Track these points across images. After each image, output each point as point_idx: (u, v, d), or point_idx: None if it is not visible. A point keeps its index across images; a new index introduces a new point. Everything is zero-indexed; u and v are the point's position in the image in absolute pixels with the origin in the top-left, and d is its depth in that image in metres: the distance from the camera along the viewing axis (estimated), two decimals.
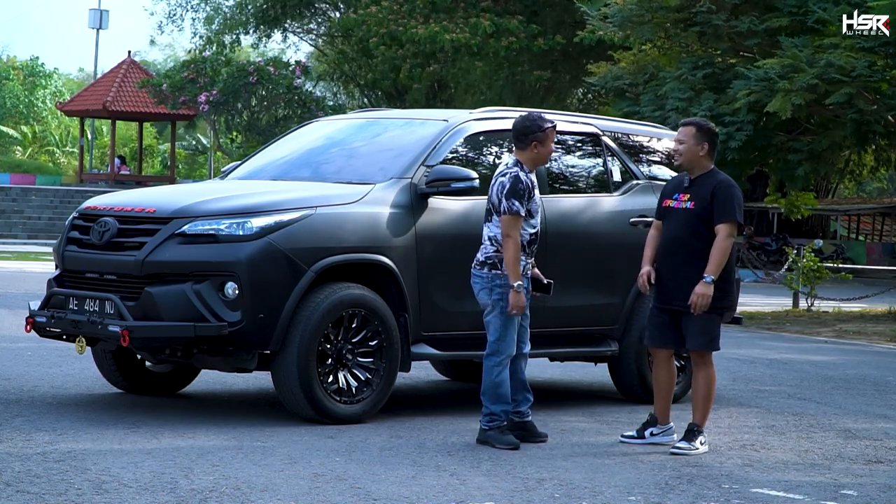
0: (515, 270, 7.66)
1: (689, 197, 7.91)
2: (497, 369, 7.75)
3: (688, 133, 7.93)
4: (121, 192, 9.65)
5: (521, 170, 7.77)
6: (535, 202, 7.82)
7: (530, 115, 7.94)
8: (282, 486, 6.37)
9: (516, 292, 7.66)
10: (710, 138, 7.96)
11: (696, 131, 7.93)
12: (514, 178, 7.72)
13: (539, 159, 7.88)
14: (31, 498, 5.90)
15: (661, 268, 7.99)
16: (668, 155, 10.40)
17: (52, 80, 75.16)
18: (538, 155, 7.85)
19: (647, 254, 8.12)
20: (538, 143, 7.82)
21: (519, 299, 7.68)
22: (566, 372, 11.69)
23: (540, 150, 7.83)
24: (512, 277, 7.66)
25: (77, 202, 37.60)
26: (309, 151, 9.55)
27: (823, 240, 40.50)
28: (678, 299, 7.88)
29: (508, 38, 32.68)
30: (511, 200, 7.67)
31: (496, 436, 7.69)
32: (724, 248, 7.78)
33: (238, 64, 42.81)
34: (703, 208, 7.83)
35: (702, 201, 7.85)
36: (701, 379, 7.93)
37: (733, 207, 7.81)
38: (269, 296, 7.92)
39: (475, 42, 32.50)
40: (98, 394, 9.11)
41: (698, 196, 7.88)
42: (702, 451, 7.80)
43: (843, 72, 18.62)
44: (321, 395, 8.04)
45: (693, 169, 7.95)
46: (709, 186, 7.88)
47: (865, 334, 17.69)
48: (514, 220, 7.67)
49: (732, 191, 7.86)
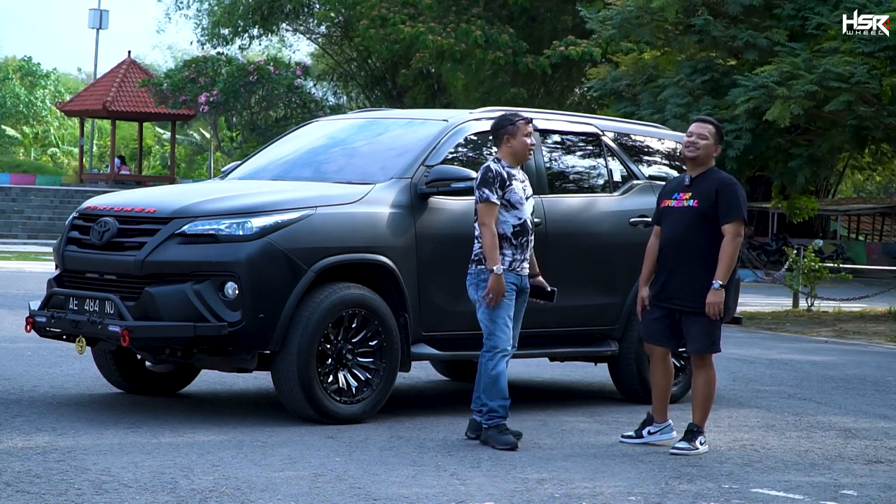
0: (492, 256, 7.69)
1: (690, 195, 7.91)
2: (492, 363, 7.76)
3: (710, 131, 7.98)
4: (121, 192, 9.65)
5: (495, 162, 7.86)
6: (517, 193, 7.83)
7: (504, 114, 8.10)
8: (282, 486, 6.37)
9: (495, 275, 7.68)
10: (722, 142, 8.09)
11: (715, 131, 8.00)
12: (484, 169, 7.84)
13: (516, 152, 7.92)
14: (31, 498, 5.90)
15: (662, 266, 7.98)
16: (669, 155, 10.41)
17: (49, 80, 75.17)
18: (513, 148, 7.91)
19: (645, 270, 8.11)
20: (509, 136, 7.90)
21: (498, 282, 7.69)
22: (566, 372, 11.70)
23: (513, 144, 7.90)
24: (490, 262, 7.69)
25: (77, 202, 37.61)
26: (308, 151, 9.55)
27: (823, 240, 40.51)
28: (679, 297, 7.88)
29: (496, 52, 32.51)
30: (481, 189, 7.76)
31: (495, 435, 7.70)
32: (733, 251, 7.79)
33: (238, 63, 42.83)
34: (708, 206, 7.83)
35: (706, 199, 7.85)
36: (701, 380, 7.92)
37: (739, 206, 7.83)
38: (269, 296, 7.92)
39: (458, 49, 32.35)
40: (98, 394, 9.11)
41: (701, 194, 7.88)
42: (702, 451, 7.80)
43: (842, 78, 18.61)
44: (321, 395, 8.04)
45: (700, 166, 7.97)
46: (711, 184, 7.88)
47: (865, 334, 17.70)
48: (487, 208, 7.73)
49: (736, 188, 7.88)
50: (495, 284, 7.69)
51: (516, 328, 7.96)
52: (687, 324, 7.89)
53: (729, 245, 7.77)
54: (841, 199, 46.08)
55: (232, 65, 42.69)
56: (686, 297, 7.84)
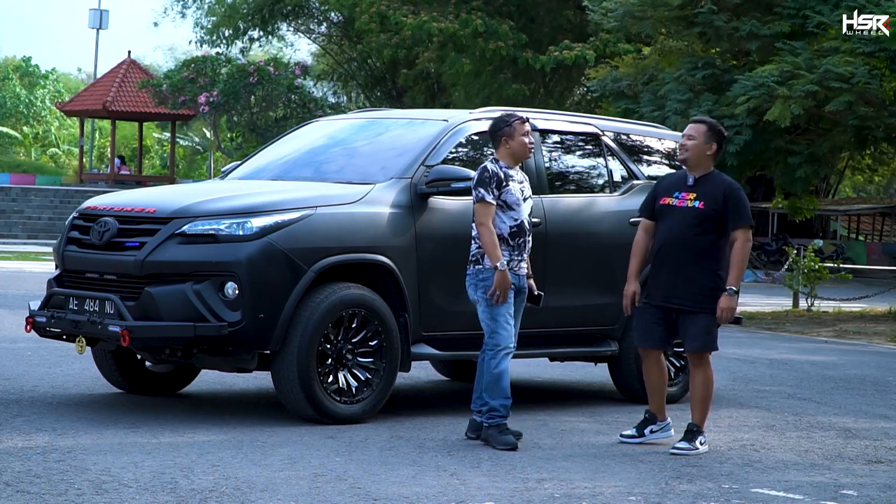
0: (494, 252, 7.70)
1: (695, 196, 7.89)
2: (494, 361, 7.76)
3: (699, 130, 7.96)
4: (121, 192, 9.65)
5: (492, 163, 7.86)
6: (513, 194, 7.83)
7: (500, 115, 8.09)
8: (282, 486, 6.37)
9: (500, 272, 7.68)
10: (719, 140, 7.99)
11: (707, 130, 7.96)
12: (480, 169, 7.85)
13: (515, 153, 7.93)
14: (31, 498, 5.90)
15: (660, 265, 7.97)
16: (669, 155, 10.40)
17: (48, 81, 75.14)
18: (511, 149, 7.91)
19: (633, 266, 8.08)
20: (507, 138, 7.90)
21: (503, 278, 7.70)
22: (566, 372, 11.69)
23: (511, 144, 7.90)
24: (492, 259, 7.70)
25: (77, 202, 37.59)
26: (308, 151, 9.54)
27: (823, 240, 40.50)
28: (677, 297, 7.87)
29: (497, 41, 32.54)
30: (478, 189, 7.77)
31: (495, 435, 7.69)
32: (745, 256, 7.81)
33: (238, 64, 42.82)
34: (714, 209, 7.82)
35: (712, 202, 7.83)
36: (699, 380, 7.92)
37: (748, 212, 7.87)
38: (269, 296, 7.92)
39: (464, 34, 32.38)
40: (98, 394, 9.11)
41: (707, 196, 7.86)
42: (702, 451, 7.80)
43: (843, 78, 18.60)
44: (321, 395, 8.04)
45: (697, 167, 7.95)
46: (717, 188, 7.87)
47: (865, 334, 17.70)
48: (484, 208, 7.74)
49: (741, 194, 7.91)
50: (500, 280, 7.70)
51: (515, 328, 7.96)
52: (685, 323, 7.88)
53: (740, 251, 7.78)
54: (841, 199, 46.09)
55: (232, 65, 42.69)
56: (686, 296, 7.84)
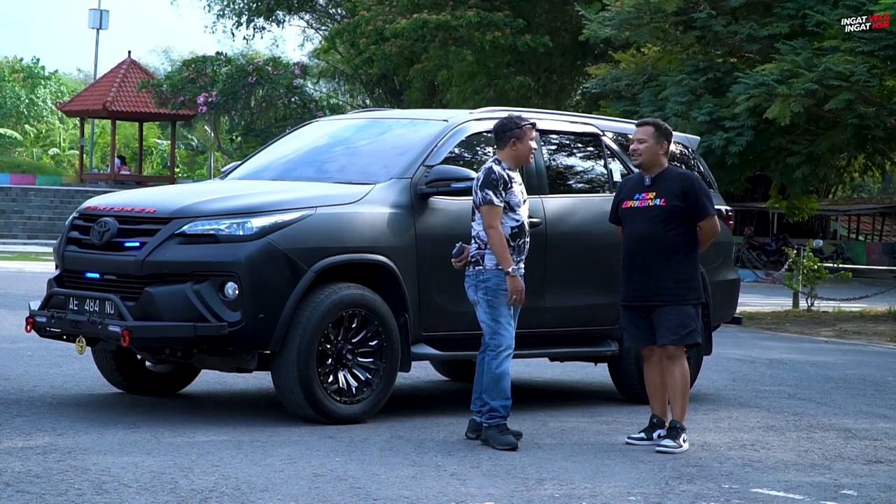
0: (505, 257, 7.71)
1: (655, 194, 8.01)
2: (496, 362, 7.76)
3: (648, 132, 8.07)
4: (121, 192, 9.65)
5: (497, 164, 7.85)
6: (516, 196, 7.84)
7: (509, 116, 8.10)
8: (282, 486, 6.37)
9: (512, 277, 7.69)
10: (668, 137, 8.15)
11: (654, 131, 8.09)
12: (486, 171, 7.84)
13: (519, 156, 7.94)
14: (31, 498, 5.90)
15: (632, 266, 8.04)
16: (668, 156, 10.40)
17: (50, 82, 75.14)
18: (517, 152, 7.92)
19: None
20: (516, 140, 7.91)
21: (516, 284, 7.70)
22: (566, 372, 11.70)
23: (518, 147, 7.91)
24: (504, 264, 7.71)
25: (77, 202, 37.60)
26: (308, 151, 9.54)
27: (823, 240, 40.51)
28: (659, 294, 7.94)
29: (494, 32, 32.54)
30: (485, 191, 7.76)
31: (495, 435, 7.69)
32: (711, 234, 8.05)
33: (237, 64, 42.82)
34: (675, 205, 7.94)
35: (673, 198, 7.95)
36: (677, 374, 7.97)
37: (709, 202, 8.01)
38: (269, 296, 7.92)
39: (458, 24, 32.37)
40: (98, 394, 9.11)
41: (666, 192, 7.97)
42: (685, 448, 7.82)
43: (842, 77, 18.61)
44: (321, 395, 8.04)
45: (652, 167, 8.08)
46: (675, 183, 8.01)
47: (865, 334, 17.69)
48: (492, 210, 7.73)
49: (699, 184, 8.05)
50: (513, 286, 7.71)
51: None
52: (661, 316, 7.94)
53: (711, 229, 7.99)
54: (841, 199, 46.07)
55: (231, 65, 42.68)
56: (665, 292, 7.91)
